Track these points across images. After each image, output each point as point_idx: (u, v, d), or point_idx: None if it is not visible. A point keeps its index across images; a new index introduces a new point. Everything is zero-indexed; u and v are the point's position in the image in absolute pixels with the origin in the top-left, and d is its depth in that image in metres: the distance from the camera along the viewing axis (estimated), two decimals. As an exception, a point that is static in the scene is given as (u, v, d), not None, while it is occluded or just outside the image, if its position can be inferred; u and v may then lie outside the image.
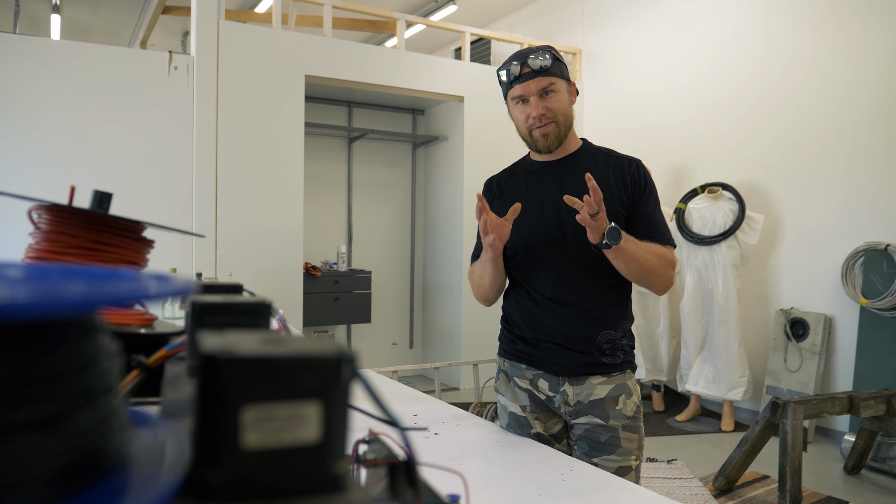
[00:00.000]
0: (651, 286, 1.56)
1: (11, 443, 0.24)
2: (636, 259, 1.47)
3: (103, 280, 0.31)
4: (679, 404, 4.86)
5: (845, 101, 4.10)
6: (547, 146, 1.59)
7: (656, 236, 1.56)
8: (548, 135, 1.58)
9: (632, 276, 1.53)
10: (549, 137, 1.58)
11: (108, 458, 0.27)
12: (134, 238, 0.76)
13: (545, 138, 1.58)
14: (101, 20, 7.44)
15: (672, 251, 1.57)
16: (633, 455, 1.56)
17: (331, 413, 0.28)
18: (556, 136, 1.58)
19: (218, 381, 0.26)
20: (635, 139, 5.41)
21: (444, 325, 5.84)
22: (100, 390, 0.28)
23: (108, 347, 0.30)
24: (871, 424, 3.34)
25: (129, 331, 0.69)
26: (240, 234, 4.37)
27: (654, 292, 1.59)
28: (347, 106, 5.83)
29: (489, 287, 1.64)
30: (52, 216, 0.72)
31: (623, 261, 1.47)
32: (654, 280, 1.53)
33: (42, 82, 3.90)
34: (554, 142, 1.59)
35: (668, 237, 1.58)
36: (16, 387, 0.24)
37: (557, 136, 1.59)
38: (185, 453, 0.28)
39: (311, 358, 0.27)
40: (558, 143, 1.60)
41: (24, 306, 0.22)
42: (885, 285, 3.77)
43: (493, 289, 1.65)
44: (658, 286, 1.55)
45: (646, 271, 1.50)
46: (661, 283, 1.55)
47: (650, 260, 1.50)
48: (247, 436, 0.26)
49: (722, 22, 4.88)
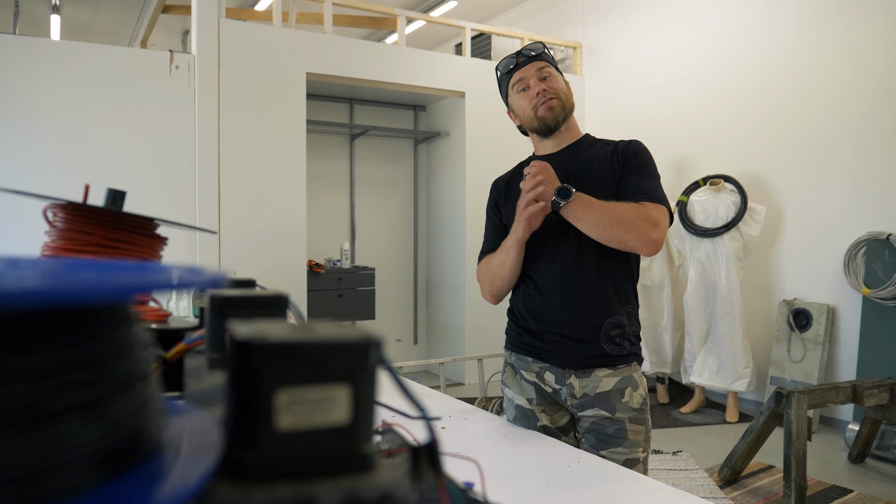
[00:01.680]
0: (625, 243, 1.47)
1: (57, 426, 0.25)
2: (591, 213, 1.45)
3: (138, 271, 0.32)
4: (683, 396, 4.87)
5: (848, 92, 4.10)
6: (554, 118, 1.64)
7: (634, 197, 1.52)
8: (553, 108, 1.64)
9: (597, 234, 1.48)
10: (554, 110, 1.64)
11: (147, 442, 0.29)
12: (148, 235, 0.77)
13: (551, 111, 1.64)
14: (101, 20, 7.44)
15: (653, 207, 1.50)
16: (640, 447, 1.57)
17: (359, 396, 0.29)
18: (562, 110, 1.65)
19: (252, 367, 0.27)
20: (637, 132, 5.40)
21: (448, 321, 5.85)
22: (137, 377, 0.29)
23: (143, 337, 0.31)
24: (875, 413, 3.35)
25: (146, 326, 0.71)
26: (243, 232, 4.38)
27: (635, 250, 1.50)
28: (349, 103, 5.83)
29: (509, 275, 1.63)
30: (67, 214, 0.73)
31: (578, 217, 1.46)
32: (623, 234, 1.45)
33: (43, 83, 3.90)
34: (560, 114, 1.64)
35: (651, 197, 1.52)
36: (60, 372, 0.25)
37: (563, 111, 1.65)
38: (219, 437, 0.29)
39: (340, 343, 0.28)
40: (564, 117, 1.65)
41: (67, 292, 0.23)
42: (888, 275, 3.78)
43: (512, 279, 1.65)
44: (632, 241, 1.46)
45: (608, 224, 1.45)
46: (632, 238, 1.46)
47: (611, 212, 1.45)
48: (281, 418, 0.27)
49: (723, 13, 4.87)
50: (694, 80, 5.06)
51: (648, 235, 1.46)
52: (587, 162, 1.63)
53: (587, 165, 1.62)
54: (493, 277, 1.68)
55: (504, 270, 1.63)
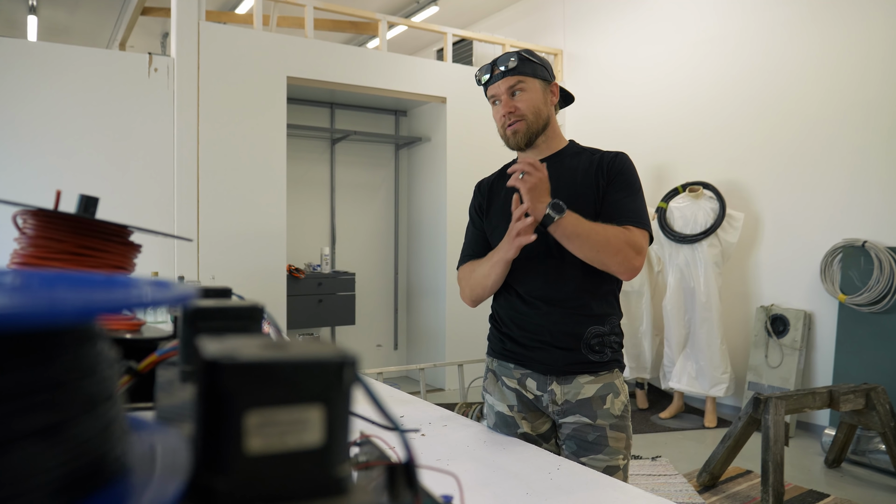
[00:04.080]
0: (607, 266, 1.50)
1: (14, 452, 0.24)
2: (579, 234, 1.45)
3: (102, 287, 0.31)
4: (662, 401, 4.90)
5: (826, 101, 4.17)
6: (516, 143, 1.65)
7: (619, 219, 1.53)
8: (517, 132, 1.63)
9: (583, 255, 1.49)
10: (518, 135, 1.63)
11: (111, 465, 0.27)
12: (121, 243, 0.75)
13: (514, 135, 1.64)
14: (79, 21, 7.34)
15: (638, 233, 1.52)
16: (620, 454, 1.57)
17: (333, 416, 0.28)
18: (525, 134, 1.63)
19: (221, 387, 0.26)
20: (617, 139, 5.44)
21: (428, 326, 5.84)
22: (101, 398, 0.28)
23: (107, 355, 0.30)
24: (851, 418, 3.40)
25: (118, 336, 0.69)
26: (222, 237, 4.33)
27: (615, 274, 1.54)
28: (330, 107, 5.81)
29: (492, 286, 1.64)
30: (38, 221, 0.71)
31: (566, 236, 1.46)
32: (608, 258, 1.48)
33: (18, 84, 3.83)
34: (523, 139, 1.63)
35: (636, 220, 1.54)
36: (18, 396, 0.24)
37: (527, 134, 1.63)
38: (188, 459, 0.28)
39: (313, 362, 0.27)
40: (528, 140, 1.64)
41: (25, 316, 0.22)
42: (863, 281, 3.84)
43: (494, 289, 1.66)
44: (615, 266, 1.50)
45: (595, 248, 1.47)
46: (616, 263, 1.49)
47: (599, 235, 1.46)
48: (250, 441, 0.26)
49: (706, 22, 4.93)
50: (674, 88, 5.11)
51: (632, 262, 1.50)
52: (571, 172, 1.62)
53: (571, 176, 1.61)
54: (474, 285, 1.68)
55: (487, 282, 1.64)
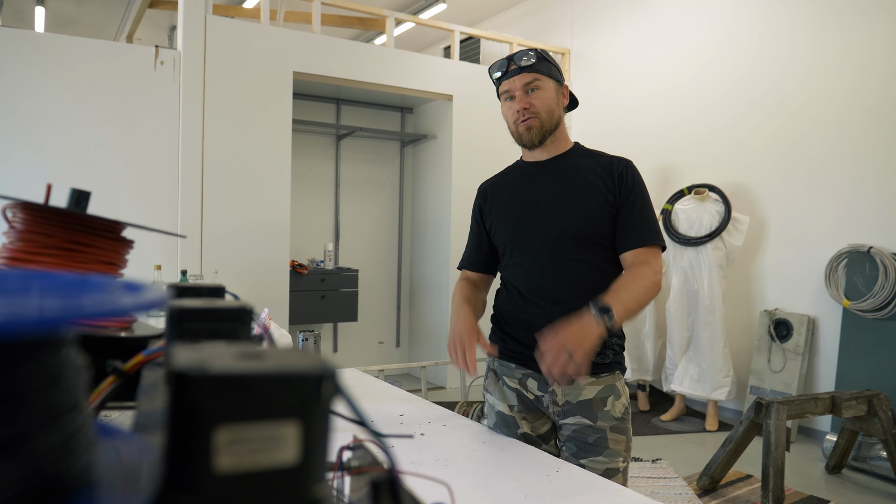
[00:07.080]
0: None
1: (-34, 467, 0.22)
2: (630, 313, 1.48)
3: (71, 293, 0.29)
4: (664, 404, 4.88)
5: (828, 103, 4.13)
6: (530, 139, 1.62)
7: (644, 240, 1.56)
8: (531, 128, 1.61)
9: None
10: (532, 131, 1.61)
11: (73, 480, 0.26)
12: (112, 238, 0.74)
13: (529, 131, 1.61)
14: (87, 13, 7.34)
15: (655, 254, 1.58)
16: (620, 457, 1.56)
17: (310, 433, 0.26)
18: (540, 131, 1.61)
19: (189, 401, 0.24)
20: (623, 140, 5.42)
21: (430, 324, 5.83)
22: (64, 408, 0.26)
23: (73, 361, 0.28)
24: (853, 425, 3.37)
25: (107, 334, 0.67)
26: (226, 232, 4.32)
27: None
28: (336, 103, 5.79)
29: None
30: (27, 215, 0.70)
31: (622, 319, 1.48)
32: (650, 301, 1.55)
33: (25, 76, 3.83)
34: (537, 135, 1.62)
35: (655, 238, 1.58)
36: (-29, 407, 0.23)
37: (541, 131, 1.62)
38: (155, 475, 0.26)
39: (289, 375, 0.26)
40: (541, 137, 1.62)
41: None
42: (868, 287, 3.81)
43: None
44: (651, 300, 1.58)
45: (642, 308, 1.53)
46: (652, 298, 1.56)
47: (640, 297, 1.51)
48: (220, 459, 0.25)
49: (714, 23, 4.89)
50: (681, 89, 5.08)
51: (659, 287, 1.56)
52: (577, 170, 1.62)
53: (578, 173, 1.62)
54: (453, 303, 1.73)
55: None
